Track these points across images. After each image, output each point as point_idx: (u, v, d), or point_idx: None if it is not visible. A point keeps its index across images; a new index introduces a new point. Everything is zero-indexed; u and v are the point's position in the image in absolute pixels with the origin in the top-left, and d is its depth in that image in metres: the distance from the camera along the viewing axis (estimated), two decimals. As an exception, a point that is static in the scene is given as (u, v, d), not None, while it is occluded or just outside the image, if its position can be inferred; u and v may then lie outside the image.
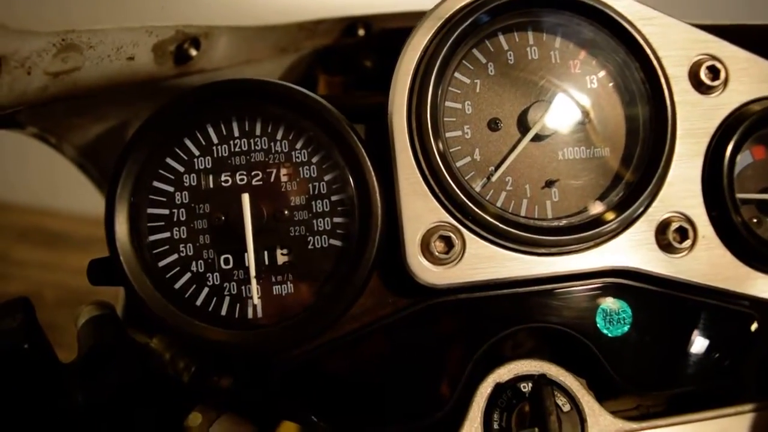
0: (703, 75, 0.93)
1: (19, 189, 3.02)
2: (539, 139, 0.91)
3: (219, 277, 0.87)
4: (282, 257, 0.88)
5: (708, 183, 0.93)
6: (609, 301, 0.91)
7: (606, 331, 0.91)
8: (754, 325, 0.95)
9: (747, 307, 0.95)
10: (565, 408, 0.88)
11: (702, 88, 0.94)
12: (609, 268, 0.90)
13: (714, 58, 0.94)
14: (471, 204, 0.86)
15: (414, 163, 0.87)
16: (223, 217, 0.87)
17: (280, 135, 0.89)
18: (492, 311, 0.90)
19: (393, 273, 0.90)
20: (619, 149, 0.93)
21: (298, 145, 0.89)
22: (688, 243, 0.91)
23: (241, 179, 0.88)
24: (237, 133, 0.89)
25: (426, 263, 0.86)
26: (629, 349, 0.91)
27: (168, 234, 0.87)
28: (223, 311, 0.86)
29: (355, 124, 0.92)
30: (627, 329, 0.91)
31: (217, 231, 0.87)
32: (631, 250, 0.90)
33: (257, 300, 0.86)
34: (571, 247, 0.88)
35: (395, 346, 0.90)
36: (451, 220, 0.87)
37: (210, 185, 0.88)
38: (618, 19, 0.91)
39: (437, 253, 0.85)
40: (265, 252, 0.88)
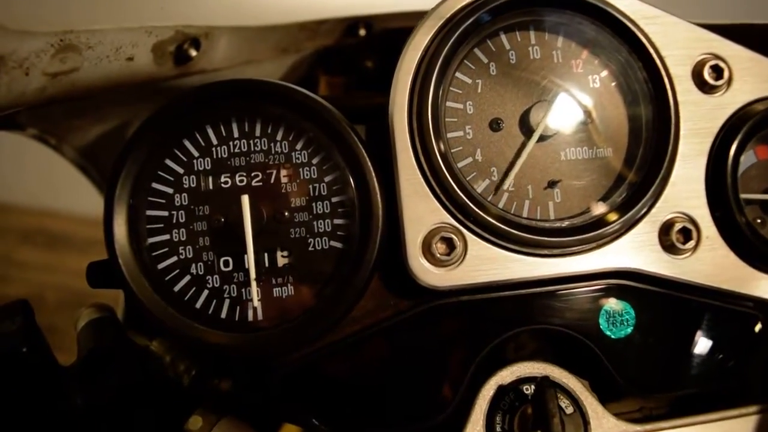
0: (707, 74, 0.92)
1: (20, 190, 3.02)
2: (541, 140, 0.90)
3: (219, 280, 0.86)
4: (282, 259, 0.87)
5: (711, 183, 0.92)
6: (612, 303, 0.91)
7: (609, 333, 0.90)
8: (758, 326, 0.95)
9: (751, 308, 0.95)
10: (568, 410, 0.88)
11: (705, 87, 0.93)
12: (612, 269, 0.89)
13: (717, 57, 0.93)
14: (472, 205, 0.85)
15: (415, 164, 0.87)
16: (223, 219, 0.87)
17: (280, 136, 0.89)
18: (494, 313, 0.89)
19: (394, 275, 0.89)
20: (622, 149, 0.92)
21: (298, 146, 0.89)
22: (691, 244, 0.90)
23: (241, 180, 0.88)
24: (236, 134, 0.88)
25: (427, 265, 0.85)
26: (632, 351, 0.90)
27: (167, 236, 0.86)
28: (223, 314, 0.86)
29: (356, 124, 0.91)
30: (630, 331, 0.90)
31: (217, 233, 0.87)
32: (634, 251, 0.89)
33: (257, 302, 0.86)
34: (574, 249, 0.88)
35: (396, 348, 0.90)
36: (453, 221, 0.86)
37: (209, 187, 0.87)
38: (620, 18, 0.90)
39: (439, 255, 0.85)
40: (265, 254, 0.87)
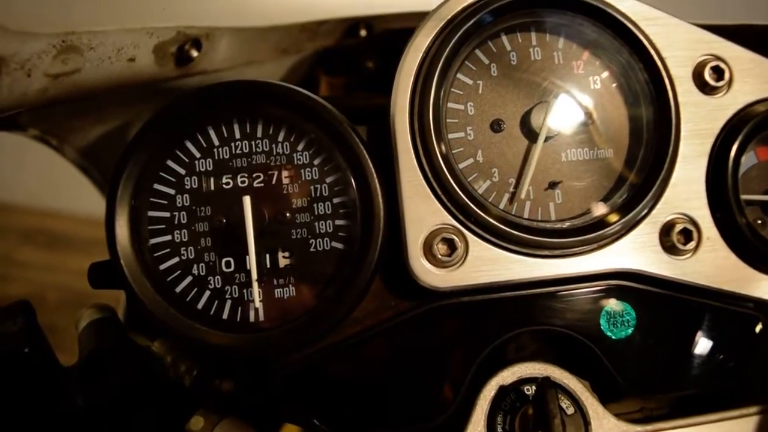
0: (708, 75, 0.92)
1: (21, 190, 3.02)
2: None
3: (220, 280, 0.86)
4: (284, 260, 0.87)
5: (712, 184, 0.92)
6: (613, 304, 0.91)
7: (610, 334, 0.90)
8: (758, 327, 0.95)
9: (751, 309, 0.95)
10: (569, 411, 0.88)
11: (706, 88, 0.93)
12: (613, 270, 0.89)
13: (718, 58, 0.93)
14: (474, 206, 0.85)
15: (416, 165, 0.87)
16: (225, 220, 0.87)
17: (281, 137, 0.89)
18: (495, 314, 0.89)
19: (395, 276, 0.89)
20: (623, 150, 0.92)
21: (299, 147, 0.89)
22: (692, 245, 0.90)
23: (243, 182, 0.88)
24: (238, 135, 0.89)
25: (428, 266, 0.86)
26: (633, 352, 0.91)
27: (169, 237, 0.87)
28: (225, 315, 0.86)
29: (357, 125, 0.91)
30: (631, 331, 0.90)
31: (219, 234, 0.87)
32: (635, 252, 0.90)
33: (259, 303, 0.86)
34: (575, 250, 0.88)
35: (398, 349, 0.90)
36: (454, 222, 0.86)
37: (211, 188, 0.88)
38: (621, 20, 0.90)
39: (440, 256, 0.85)
40: (267, 255, 0.87)
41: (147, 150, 0.86)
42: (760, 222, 0.96)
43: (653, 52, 0.90)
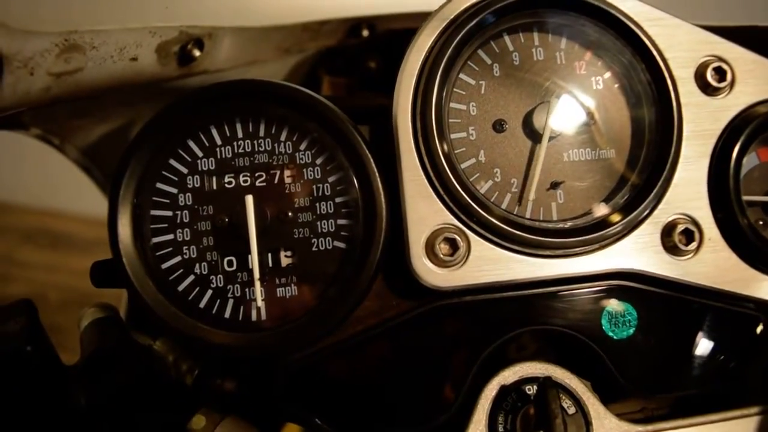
0: (710, 76, 0.93)
1: (22, 190, 3.02)
2: (544, 141, 0.91)
3: (222, 280, 0.86)
4: (286, 259, 0.88)
5: (714, 185, 0.92)
6: (614, 304, 0.91)
7: (611, 334, 0.90)
8: (759, 328, 0.95)
9: (752, 310, 0.95)
10: (570, 411, 0.88)
11: (708, 89, 0.93)
12: (614, 270, 0.89)
13: (720, 59, 0.94)
14: (476, 206, 0.85)
15: (419, 165, 0.87)
16: (227, 219, 0.87)
17: (284, 136, 0.89)
18: (497, 313, 0.89)
19: (397, 275, 0.89)
20: (625, 151, 0.92)
21: (302, 147, 0.89)
22: (693, 245, 0.90)
23: (245, 181, 0.88)
24: (240, 135, 0.89)
25: (430, 265, 0.86)
26: (634, 352, 0.91)
27: (171, 236, 0.87)
28: (227, 314, 0.86)
29: (360, 125, 0.91)
30: (632, 332, 0.91)
31: (221, 233, 0.87)
32: (637, 252, 0.90)
33: (261, 302, 0.86)
34: (577, 250, 0.88)
35: (400, 348, 0.90)
36: (456, 222, 0.87)
37: (213, 187, 0.88)
38: (624, 20, 0.90)
39: (442, 256, 0.85)
40: (269, 254, 0.87)
41: (149, 149, 0.86)
42: (761, 223, 0.96)
43: (655, 52, 0.91)
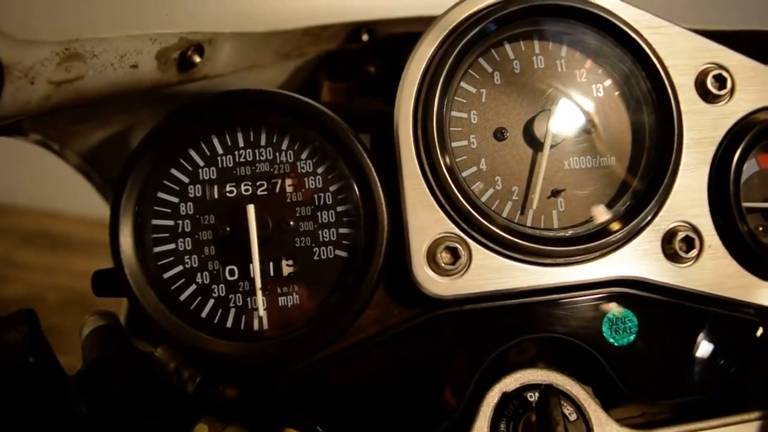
0: (710, 84, 0.93)
1: (21, 192, 3.01)
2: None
3: (224, 289, 0.86)
4: (287, 268, 0.88)
5: (714, 192, 0.92)
6: (615, 311, 0.91)
7: (612, 340, 0.91)
8: (758, 333, 0.95)
9: (752, 316, 0.95)
10: (572, 417, 0.88)
11: (708, 97, 0.93)
12: (615, 278, 0.90)
13: (720, 67, 0.94)
14: (477, 215, 0.85)
15: (420, 174, 0.87)
16: (228, 228, 0.87)
17: (285, 145, 0.89)
18: (498, 321, 0.90)
19: (399, 283, 0.89)
20: (625, 159, 0.92)
21: (303, 156, 0.89)
22: (694, 252, 0.90)
23: (246, 190, 0.88)
24: (242, 144, 0.89)
25: (432, 274, 0.86)
26: (635, 358, 0.91)
27: (173, 245, 0.87)
28: (229, 323, 0.86)
29: (359, 130, 0.91)
30: (633, 338, 0.91)
31: (222, 242, 0.87)
32: (638, 259, 0.90)
33: (263, 312, 0.86)
34: (578, 258, 0.88)
35: (402, 356, 0.90)
36: (458, 230, 0.87)
37: (215, 196, 0.88)
38: (624, 28, 0.90)
39: (443, 264, 0.85)
40: (271, 263, 0.87)
41: (150, 159, 0.86)
42: (761, 229, 0.96)
43: (656, 60, 0.91)
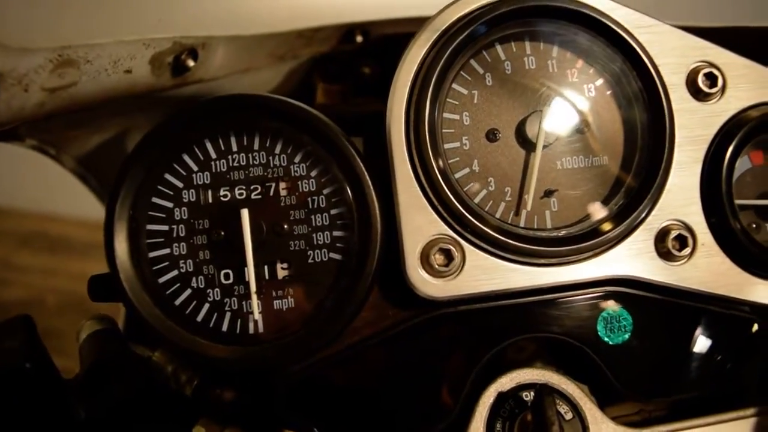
0: (701, 82, 0.93)
1: (19, 194, 3.01)
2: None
3: (219, 293, 0.87)
4: (282, 271, 0.88)
5: (707, 190, 0.93)
6: (609, 309, 0.91)
7: (607, 339, 0.91)
8: (754, 330, 0.96)
9: (747, 313, 0.95)
10: (568, 416, 0.88)
11: (700, 95, 0.93)
12: (609, 277, 0.90)
13: (711, 65, 0.94)
14: (470, 216, 0.86)
15: (413, 176, 0.87)
16: (223, 233, 0.87)
17: (278, 149, 0.89)
18: (493, 322, 0.90)
19: (393, 285, 0.90)
20: (618, 158, 0.92)
21: (296, 159, 0.89)
22: (687, 251, 0.91)
23: (240, 194, 0.88)
24: (235, 148, 0.89)
25: (426, 276, 0.86)
26: (630, 357, 0.91)
27: (168, 250, 0.87)
28: (224, 327, 0.86)
29: (354, 133, 0.92)
30: (628, 337, 0.91)
31: (217, 246, 0.87)
32: (631, 258, 0.90)
33: (258, 315, 0.86)
34: (571, 257, 0.88)
35: (397, 358, 0.90)
36: (451, 232, 0.87)
37: (209, 200, 0.88)
38: (615, 28, 0.90)
39: (437, 266, 0.85)
40: (266, 266, 0.88)
41: (144, 164, 0.87)
42: (754, 226, 0.97)
43: (647, 59, 0.91)
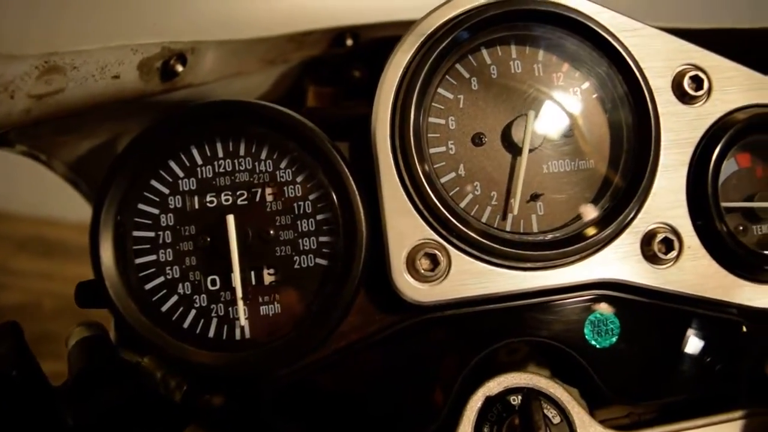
0: (686, 85, 0.93)
1: (15, 198, 3.01)
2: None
3: (206, 299, 0.87)
4: (268, 277, 0.88)
5: (693, 193, 0.93)
6: (596, 313, 0.91)
7: (594, 343, 0.91)
8: (742, 332, 0.96)
9: (734, 315, 0.95)
10: (555, 420, 0.88)
11: (685, 98, 0.93)
12: (596, 280, 0.90)
13: (697, 68, 0.94)
14: (455, 221, 0.85)
15: (398, 182, 0.87)
16: (209, 239, 0.87)
17: (264, 155, 0.89)
18: (479, 326, 0.90)
19: (380, 290, 0.90)
20: (604, 161, 0.92)
21: (282, 165, 0.89)
22: (673, 254, 0.91)
23: (226, 200, 0.88)
24: (221, 154, 0.89)
25: (412, 281, 0.86)
26: (618, 360, 0.91)
27: (154, 257, 0.87)
28: (211, 333, 0.86)
29: (344, 137, 0.92)
30: (615, 340, 0.91)
31: (204, 252, 0.87)
32: (617, 262, 0.90)
33: (244, 321, 0.86)
34: (558, 261, 0.88)
35: (384, 362, 0.90)
36: (436, 237, 0.87)
37: (195, 206, 0.88)
38: (600, 32, 0.90)
39: (423, 271, 0.85)
40: (252, 272, 0.88)
41: (130, 172, 0.86)
42: (741, 228, 0.97)
43: (632, 63, 0.90)
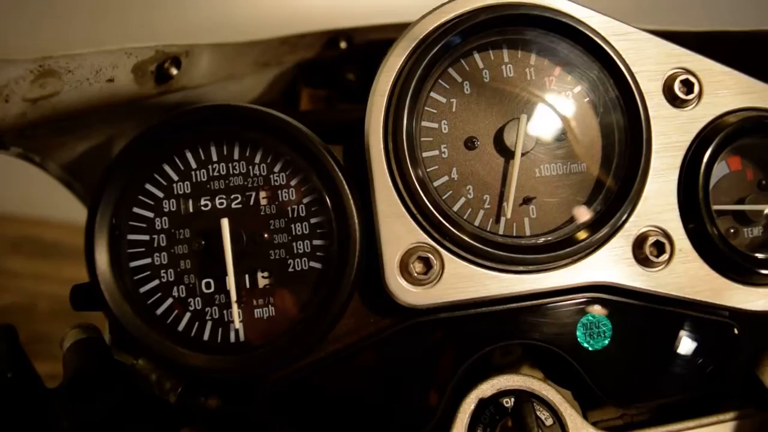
0: (677, 89, 0.93)
1: (9, 199, 3.00)
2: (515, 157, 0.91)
3: (200, 302, 0.87)
4: (263, 280, 0.88)
5: (684, 196, 0.93)
6: (589, 316, 0.92)
7: (587, 345, 0.91)
8: (733, 335, 0.96)
9: (726, 317, 0.96)
10: (548, 422, 0.89)
11: (676, 102, 0.94)
12: (588, 283, 0.90)
13: (688, 71, 0.94)
14: (448, 224, 0.86)
15: (391, 186, 0.87)
16: (204, 242, 0.87)
17: (258, 159, 0.89)
18: (472, 329, 0.90)
19: (373, 293, 0.90)
20: (596, 165, 0.93)
21: (276, 169, 0.89)
22: (665, 257, 0.91)
23: (221, 203, 0.88)
24: (215, 158, 0.89)
25: (405, 284, 0.86)
26: (610, 362, 0.92)
27: (149, 260, 0.87)
28: (206, 336, 0.86)
29: (337, 140, 0.92)
30: (607, 342, 0.92)
31: (198, 256, 0.87)
32: (609, 265, 0.91)
33: (239, 324, 0.86)
34: (550, 265, 0.89)
35: (378, 365, 0.91)
36: (429, 240, 0.87)
37: (190, 210, 0.88)
38: (591, 36, 0.91)
39: (416, 274, 0.86)
40: (246, 275, 0.88)
41: (125, 174, 0.87)
42: (732, 231, 0.97)
43: (623, 67, 0.91)
